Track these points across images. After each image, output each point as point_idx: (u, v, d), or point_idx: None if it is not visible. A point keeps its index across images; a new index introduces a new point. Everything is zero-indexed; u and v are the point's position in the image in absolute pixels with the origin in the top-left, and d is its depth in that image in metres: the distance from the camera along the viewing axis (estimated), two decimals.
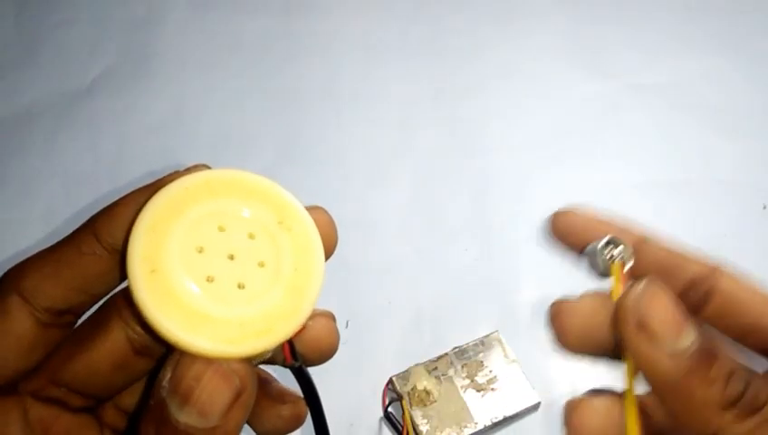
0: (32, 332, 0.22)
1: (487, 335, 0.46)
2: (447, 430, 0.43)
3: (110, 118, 0.60)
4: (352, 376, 0.46)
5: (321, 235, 0.23)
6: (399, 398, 0.43)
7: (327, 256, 0.23)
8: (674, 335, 0.20)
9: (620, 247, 0.23)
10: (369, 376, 0.46)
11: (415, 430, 0.43)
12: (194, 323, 0.20)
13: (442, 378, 0.44)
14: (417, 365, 0.45)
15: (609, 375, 0.24)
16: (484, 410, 0.43)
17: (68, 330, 0.23)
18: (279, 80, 0.62)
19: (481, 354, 0.45)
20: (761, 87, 0.60)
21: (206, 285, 0.20)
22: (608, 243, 0.24)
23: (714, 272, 0.23)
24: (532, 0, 0.67)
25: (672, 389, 0.20)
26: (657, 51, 0.63)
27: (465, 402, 0.44)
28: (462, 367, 0.45)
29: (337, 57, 0.63)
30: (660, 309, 0.20)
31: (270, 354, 0.22)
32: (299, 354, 0.23)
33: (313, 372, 0.25)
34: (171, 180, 0.22)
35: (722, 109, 0.58)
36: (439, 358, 0.45)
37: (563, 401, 0.44)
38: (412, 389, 0.44)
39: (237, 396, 0.20)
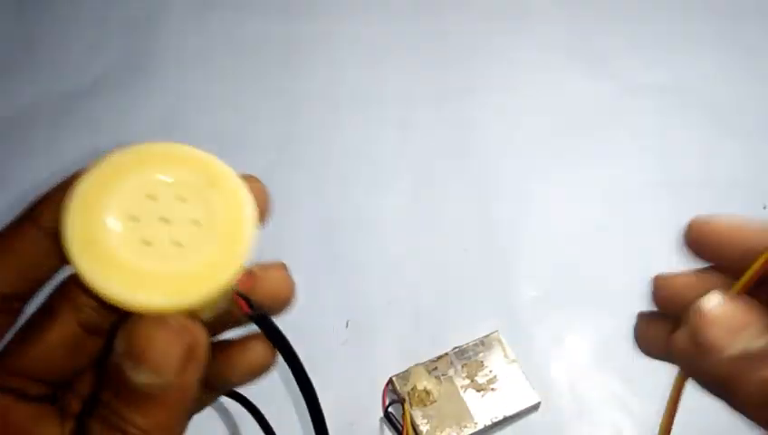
0: None
1: (487, 335, 0.46)
2: (447, 429, 0.43)
3: (110, 118, 0.60)
4: (352, 376, 0.46)
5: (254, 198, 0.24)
6: (401, 400, 0.44)
7: (262, 219, 0.24)
8: (720, 347, 0.21)
9: None
10: (369, 376, 0.46)
11: (415, 430, 0.43)
12: (136, 282, 0.21)
13: (442, 378, 0.45)
14: (417, 365, 0.45)
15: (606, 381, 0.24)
16: (484, 410, 0.44)
17: (14, 317, 0.24)
18: (279, 80, 0.62)
19: (481, 354, 0.46)
20: (761, 87, 0.60)
21: (144, 249, 0.21)
22: None
23: None
24: (532, 0, 0.67)
25: (720, 388, 0.21)
26: (657, 51, 0.63)
27: (465, 402, 0.44)
28: (462, 367, 0.45)
29: (337, 57, 0.63)
30: (709, 323, 0.21)
31: (222, 308, 0.23)
32: (256, 304, 0.23)
33: (314, 372, 0.25)
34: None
35: (722, 109, 0.58)
36: (439, 358, 0.45)
37: (563, 402, 0.44)
38: (412, 389, 0.44)
39: (190, 351, 0.21)
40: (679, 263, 0.51)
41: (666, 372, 0.24)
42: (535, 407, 0.44)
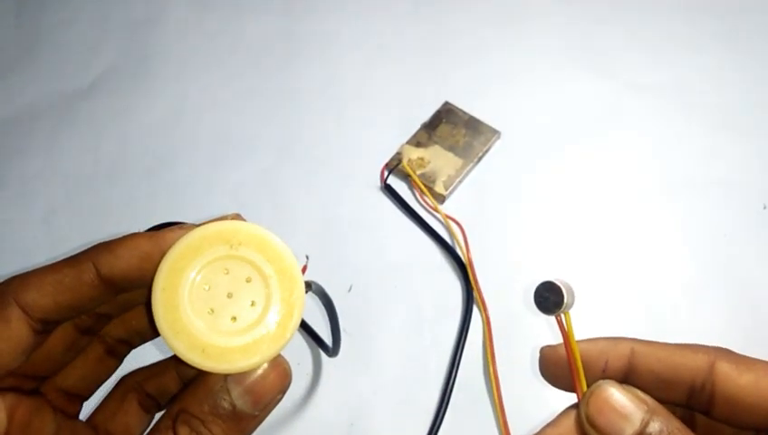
0: (26, 339, 0.25)
1: (438, 110, 0.58)
2: (446, 172, 0.54)
3: (110, 118, 0.60)
4: (352, 376, 0.46)
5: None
6: (398, 162, 0.54)
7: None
8: (614, 429, 0.23)
9: None
10: (369, 376, 0.46)
11: (422, 180, 0.53)
12: (211, 354, 0.24)
13: (426, 145, 0.56)
14: (402, 145, 0.55)
15: None
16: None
17: (44, 338, 0.26)
18: (279, 80, 0.62)
19: (444, 121, 0.57)
20: (761, 87, 0.60)
21: (211, 318, 0.25)
22: None
23: (710, 374, 0.25)
24: (532, 0, 0.67)
25: None
26: (657, 51, 0.63)
27: (450, 154, 0.55)
28: (437, 136, 0.56)
29: (337, 57, 0.63)
30: (598, 408, 0.23)
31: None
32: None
33: (314, 372, 0.25)
34: (180, 233, 0.26)
35: (722, 109, 0.58)
36: (415, 135, 0.56)
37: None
38: (408, 161, 0.54)
39: (283, 392, 0.26)
40: (677, 262, 0.51)
41: None
42: (498, 137, 0.57)
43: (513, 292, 0.49)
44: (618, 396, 0.23)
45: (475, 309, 0.48)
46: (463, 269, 0.50)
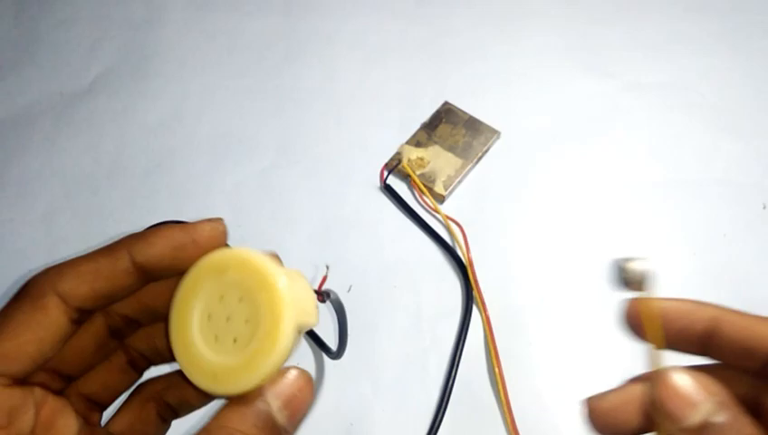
0: (64, 327, 0.25)
1: (438, 110, 0.58)
2: (446, 172, 0.54)
3: (110, 118, 0.60)
4: (352, 376, 0.46)
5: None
6: (398, 162, 0.54)
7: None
8: (680, 415, 0.23)
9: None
10: (369, 376, 0.46)
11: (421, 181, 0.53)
12: (217, 378, 0.25)
13: (426, 145, 0.56)
14: (402, 145, 0.55)
15: None
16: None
17: (78, 327, 0.26)
18: (279, 80, 0.62)
19: (443, 121, 0.57)
20: (761, 87, 0.60)
21: (216, 344, 0.25)
22: None
23: None
24: (532, 0, 0.67)
25: None
26: (657, 51, 0.63)
27: (450, 154, 0.55)
28: (437, 136, 0.56)
29: (337, 57, 0.63)
30: (668, 392, 0.23)
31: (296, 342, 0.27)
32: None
33: (314, 372, 0.25)
34: (209, 225, 0.27)
35: (722, 108, 0.58)
36: (415, 135, 0.56)
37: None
38: (407, 161, 0.54)
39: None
40: (677, 262, 0.51)
41: None
42: (498, 137, 0.57)
43: (513, 292, 0.49)
44: (688, 384, 0.23)
45: (474, 309, 0.49)
46: (463, 269, 0.50)
